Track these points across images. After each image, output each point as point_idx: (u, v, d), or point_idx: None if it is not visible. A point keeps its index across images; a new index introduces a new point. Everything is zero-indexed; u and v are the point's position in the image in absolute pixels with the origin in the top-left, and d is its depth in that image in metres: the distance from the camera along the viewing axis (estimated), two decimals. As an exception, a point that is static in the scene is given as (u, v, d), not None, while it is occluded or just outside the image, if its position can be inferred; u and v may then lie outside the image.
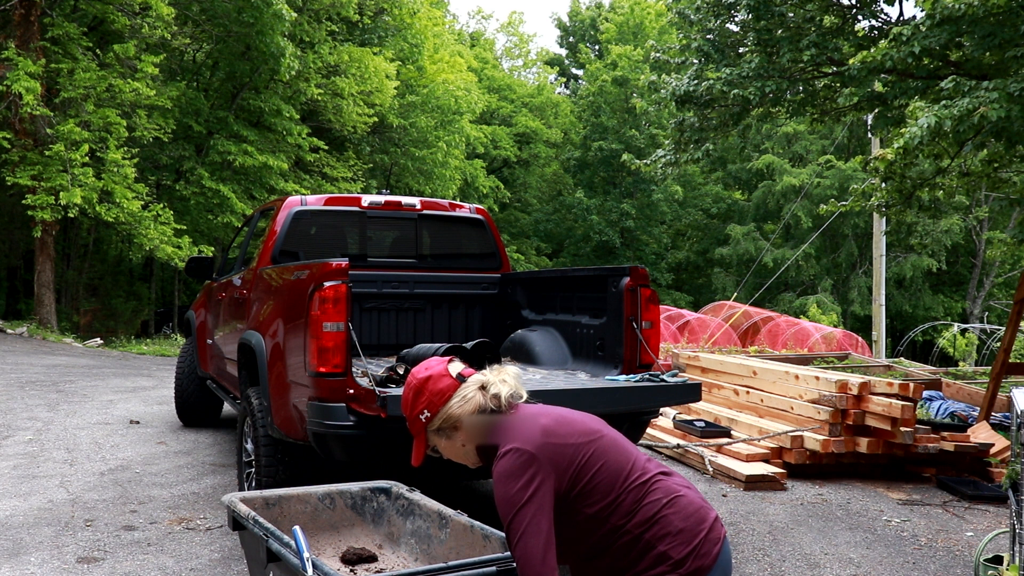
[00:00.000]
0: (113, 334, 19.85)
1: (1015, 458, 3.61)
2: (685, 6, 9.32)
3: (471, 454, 2.15)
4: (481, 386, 2.11)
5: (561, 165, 36.27)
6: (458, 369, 2.16)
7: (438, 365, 2.16)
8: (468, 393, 2.10)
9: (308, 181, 21.61)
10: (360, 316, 5.52)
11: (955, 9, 6.62)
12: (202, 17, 18.75)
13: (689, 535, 1.99)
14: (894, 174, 9.09)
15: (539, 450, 1.96)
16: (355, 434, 3.64)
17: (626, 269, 4.45)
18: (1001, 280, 30.10)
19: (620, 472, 2.01)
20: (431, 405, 2.10)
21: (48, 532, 4.45)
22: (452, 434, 2.12)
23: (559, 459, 1.97)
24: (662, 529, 1.98)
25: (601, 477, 1.99)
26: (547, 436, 1.99)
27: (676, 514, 2.00)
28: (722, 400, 7.89)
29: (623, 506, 1.99)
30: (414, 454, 2.18)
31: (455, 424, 2.10)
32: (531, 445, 1.96)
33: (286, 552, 2.37)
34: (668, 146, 10.20)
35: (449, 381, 2.12)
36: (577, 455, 1.99)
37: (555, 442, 1.98)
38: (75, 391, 9.40)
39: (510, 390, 2.11)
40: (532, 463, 1.94)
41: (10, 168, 15.64)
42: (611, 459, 2.02)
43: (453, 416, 2.09)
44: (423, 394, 2.12)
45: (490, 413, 2.08)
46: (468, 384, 2.12)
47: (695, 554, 1.97)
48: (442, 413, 2.10)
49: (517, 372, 2.17)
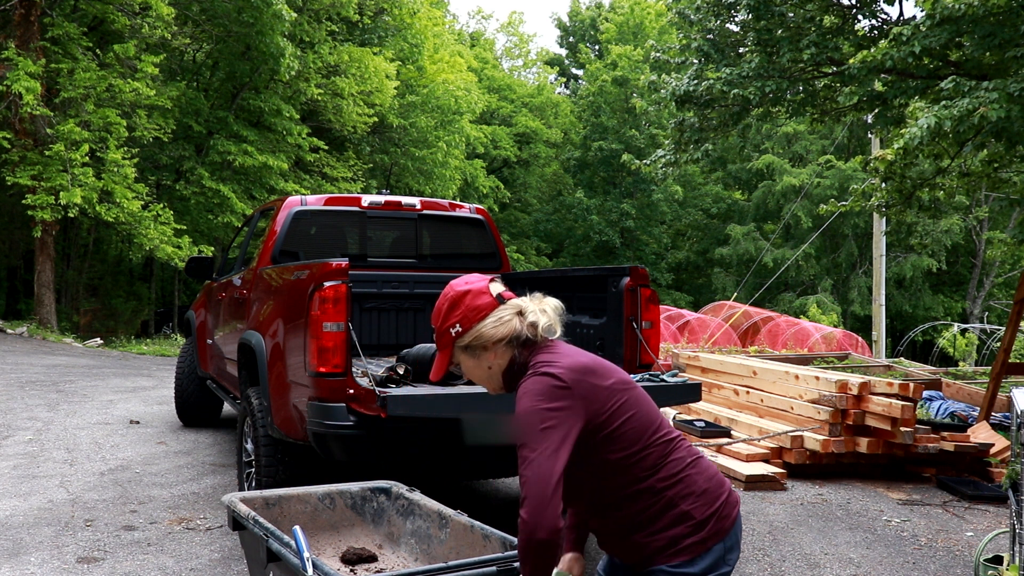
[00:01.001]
0: (113, 334, 19.85)
1: (1015, 458, 3.61)
2: (685, 6, 9.32)
3: (495, 378, 2.06)
4: (519, 311, 2.02)
5: (561, 165, 36.27)
6: (499, 289, 2.05)
7: (479, 282, 2.06)
8: (504, 315, 2.01)
9: (308, 181, 21.61)
10: (360, 316, 5.52)
11: (955, 9, 6.62)
12: (202, 17, 18.75)
13: (712, 497, 1.96)
14: (894, 174, 9.09)
15: (575, 384, 1.89)
16: (355, 434, 3.64)
17: (626, 269, 4.45)
18: (1001, 280, 30.10)
19: (649, 425, 1.96)
20: (464, 320, 2.01)
21: (48, 532, 4.45)
22: (480, 354, 2.03)
23: (593, 398, 1.90)
24: (686, 488, 1.94)
25: (630, 426, 1.93)
26: (585, 374, 1.92)
27: (700, 475, 1.97)
28: (722, 400, 7.89)
29: (648, 459, 1.94)
30: (435, 368, 2.10)
31: (485, 344, 2.01)
32: (568, 376, 1.89)
33: (286, 552, 2.37)
34: (668, 146, 10.20)
35: (488, 299, 2.02)
36: (611, 399, 1.92)
37: (592, 381, 1.91)
38: (75, 391, 9.40)
39: (548, 321, 2.02)
40: (567, 394, 1.87)
41: (10, 168, 15.64)
42: (642, 411, 1.97)
43: (485, 336, 2.00)
44: (458, 307, 2.02)
45: (523, 342, 2.00)
46: (506, 306, 2.02)
47: (717, 516, 1.94)
48: (474, 330, 2.00)
49: (558, 305, 2.07)
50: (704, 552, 1.92)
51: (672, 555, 1.92)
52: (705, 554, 1.92)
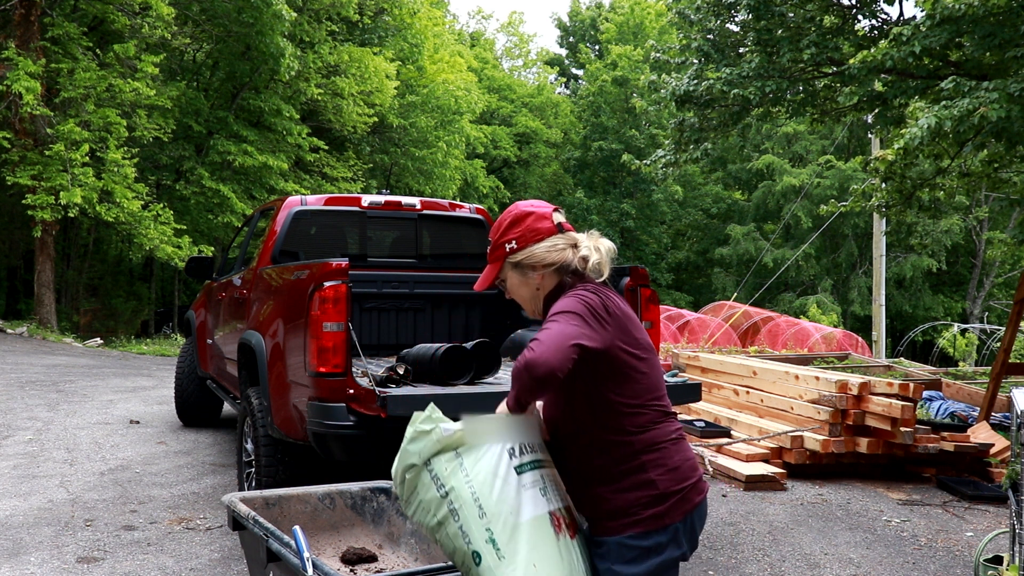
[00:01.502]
0: (113, 334, 19.86)
1: (1015, 458, 3.61)
2: (685, 6, 9.32)
3: (538, 300, 2.12)
4: (574, 244, 2.08)
5: (561, 165, 36.28)
6: (560, 219, 2.12)
7: (544, 207, 2.13)
8: (559, 243, 2.07)
9: (308, 181, 21.61)
10: (360, 316, 5.52)
11: (955, 9, 6.62)
12: (202, 17, 18.75)
13: (681, 475, 1.98)
14: (894, 174, 9.09)
15: (611, 312, 1.95)
16: (355, 434, 3.64)
17: (626, 269, 4.45)
18: (1001, 280, 30.10)
19: (655, 390, 2.01)
20: (522, 238, 2.08)
21: (48, 532, 4.45)
22: (529, 273, 2.09)
23: (623, 332, 1.96)
24: (662, 458, 1.97)
25: (641, 380, 1.98)
26: (619, 315, 1.98)
27: (678, 452, 2.00)
28: (722, 400, 7.89)
29: (640, 418, 1.97)
30: (482, 279, 2.16)
31: (535, 264, 2.07)
32: (603, 309, 1.94)
33: (286, 552, 2.37)
34: (668, 146, 10.20)
35: (548, 224, 2.08)
36: (636, 347, 1.98)
37: (625, 322, 1.98)
38: (75, 391, 9.40)
39: (599, 258, 2.05)
40: (599, 317, 1.92)
41: (10, 168, 15.64)
42: (654, 376, 2.02)
43: (536, 257, 2.06)
44: (519, 225, 2.09)
45: (571, 274, 2.06)
46: (563, 236, 2.09)
47: (680, 495, 1.96)
48: (528, 250, 2.07)
49: (611, 248, 2.11)
50: (659, 528, 1.93)
51: (627, 525, 1.93)
52: (660, 530, 1.93)
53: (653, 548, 1.93)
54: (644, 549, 1.92)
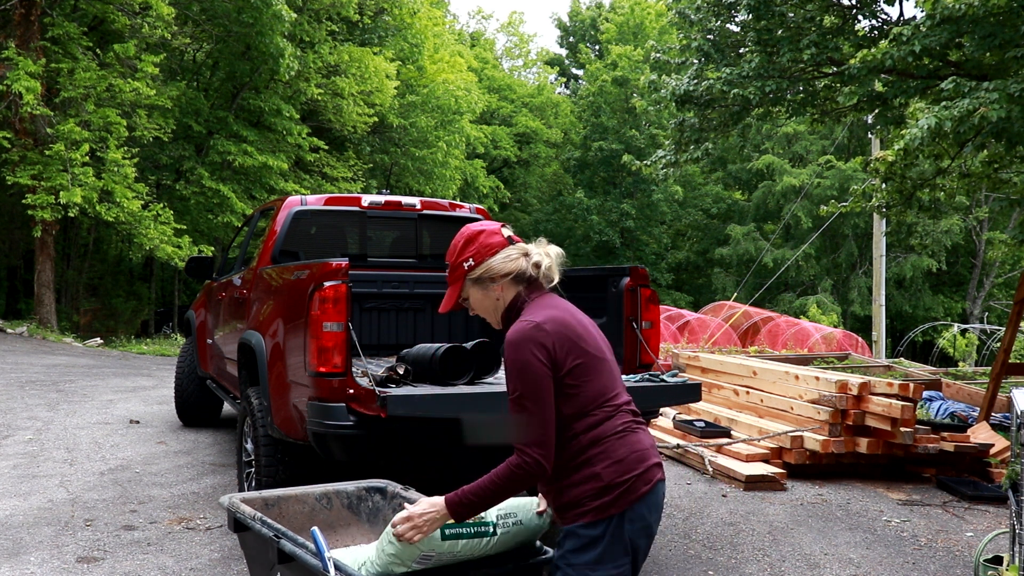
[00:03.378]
0: (113, 334, 19.86)
1: (1015, 458, 3.61)
2: (685, 6, 9.32)
3: (499, 311, 2.28)
4: (525, 253, 2.27)
5: (561, 165, 36.27)
6: (509, 232, 2.30)
7: (493, 224, 2.31)
8: (512, 254, 2.25)
9: (308, 181, 21.60)
10: (360, 316, 5.52)
11: (955, 9, 6.62)
12: (202, 17, 18.75)
13: (625, 467, 2.09)
14: (894, 175, 9.09)
15: (554, 333, 2.10)
16: (355, 434, 3.64)
17: (626, 269, 4.45)
18: (1001, 280, 30.10)
19: (605, 392, 2.15)
20: (478, 255, 2.24)
21: (48, 532, 4.45)
22: (489, 286, 2.25)
23: (566, 349, 2.10)
24: (606, 452, 2.09)
25: (589, 388, 2.12)
26: (563, 326, 2.13)
27: (624, 445, 2.11)
28: (722, 400, 7.89)
29: (589, 419, 2.11)
30: (445, 301, 2.33)
31: (493, 276, 2.24)
32: (549, 327, 2.10)
33: (302, 553, 2.37)
34: (668, 146, 10.20)
35: (500, 239, 2.26)
36: (580, 357, 2.12)
37: (568, 334, 2.12)
38: (75, 391, 9.40)
39: (549, 263, 2.26)
40: (545, 338, 2.08)
41: (10, 168, 15.64)
42: (603, 380, 2.16)
43: (494, 269, 2.23)
44: (473, 243, 2.26)
45: (527, 281, 2.24)
46: (515, 247, 2.27)
47: (624, 486, 2.07)
48: (485, 264, 2.23)
49: (559, 253, 2.31)
50: (604, 518, 2.06)
51: (577, 515, 2.09)
52: (605, 520, 2.06)
53: (599, 536, 2.06)
54: (592, 538, 2.06)
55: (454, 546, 2.26)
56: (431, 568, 2.32)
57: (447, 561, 2.29)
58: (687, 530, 4.96)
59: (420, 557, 2.20)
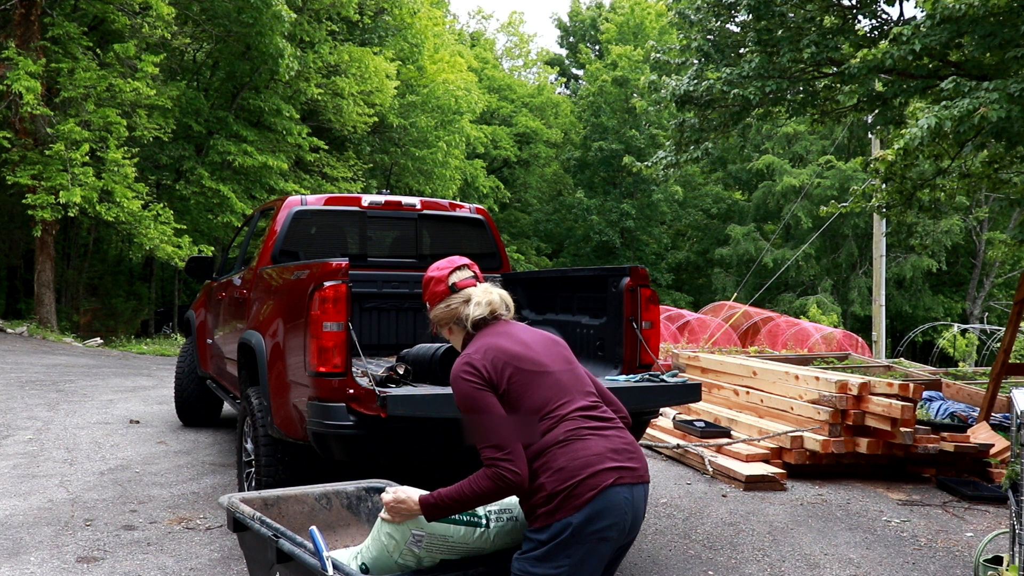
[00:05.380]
0: (113, 334, 19.87)
1: (1015, 458, 3.61)
2: (685, 6, 9.31)
3: (459, 345, 2.54)
4: (466, 300, 2.49)
5: (561, 165, 36.27)
6: (456, 279, 2.53)
7: (445, 268, 2.55)
8: (453, 303, 2.50)
9: (308, 181, 21.60)
10: (360, 316, 5.52)
11: (955, 9, 6.62)
12: (202, 17, 18.76)
13: (565, 475, 2.18)
14: (894, 175, 9.08)
15: (483, 365, 2.28)
16: (355, 434, 3.64)
17: (626, 269, 4.45)
18: (1001, 280, 30.10)
19: (546, 406, 2.28)
20: (429, 300, 2.57)
21: (48, 532, 4.45)
22: (440, 328, 2.58)
23: (499, 374, 2.28)
24: (546, 463, 2.20)
25: (527, 403, 2.26)
26: (496, 354, 2.31)
27: (564, 455, 2.21)
28: (722, 400, 7.89)
29: (536, 430, 2.25)
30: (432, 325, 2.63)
31: (439, 322, 2.56)
32: (478, 361, 2.29)
33: (300, 552, 2.37)
34: (668, 147, 10.20)
35: (442, 288, 2.52)
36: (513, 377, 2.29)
37: (501, 360, 2.30)
38: (75, 391, 9.40)
39: (481, 312, 2.45)
40: (477, 374, 2.27)
41: (10, 168, 15.64)
42: (545, 393, 2.29)
43: (438, 316, 2.55)
44: (426, 290, 2.58)
45: (464, 325, 2.47)
46: (456, 295, 2.51)
47: (563, 493, 2.16)
48: (433, 311, 2.56)
49: (503, 296, 2.51)
50: (550, 523, 2.17)
51: (531, 520, 2.22)
52: (551, 525, 2.17)
53: (545, 540, 2.17)
54: (539, 542, 2.18)
55: (447, 530, 2.35)
56: (433, 567, 2.33)
57: (439, 546, 2.35)
58: (687, 530, 4.96)
59: (412, 534, 2.30)
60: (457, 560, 2.40)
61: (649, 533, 4.87)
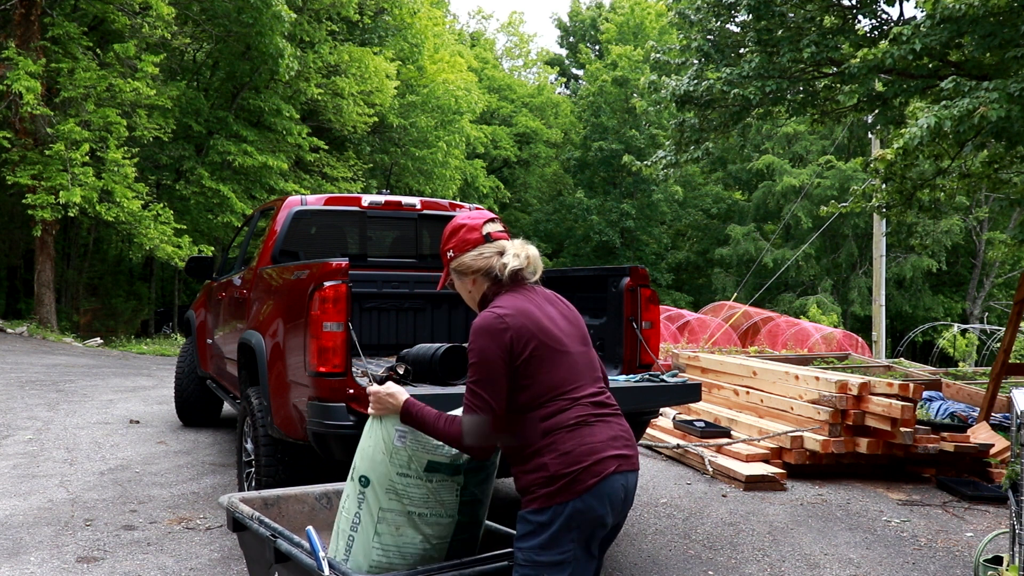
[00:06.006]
0: (113, 334, 19.87)
1: (1015, 458, 3.61)
2: (685, 6, 9.31)
3: (473, 300, 2.45)
4: (500, 251, 2.39)
5: (561, 165, 36.27)
6: (490, 229, 2.43)
7: (478, 219, 2.45)
8: (486, 252, 2.39)
9: (308, 181, 21.61)
10: (360, 316, 5.52)
11: (955, 9, 6.62)
12: (202, 17, 18.76)
13: (571, 459, 2.17)
14: (894, 175, 9.08)
15: (513, 321, 2.22)
16: (355, 434, 3.63)
17: (626, 269, 4.45)
18: (1001, 281, 30.10)
19: (564, 385, 2.24)
20: (456, 248, 2.42)
21: (48, 532, 4.45)
22: (463, 277, 2.43)
23: (524, 338, 2.22)
24: (553, 444, 2.19)
25: (545, 378, 2.22)
26: (525, 316, 2.25)
27: (572, 438, 2.20)
28: (722, 400, 7.89)
29: (545, 409, 2.22)
30: (441, 280, 2.53)
31: (464, 271, 2.41)
32: (509, 317, 2.22)
33: (298, 552, 2.37)
34: (668, 147, 10.20)
35: (476, 236, 2.41)
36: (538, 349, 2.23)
37: (528, 324, 2.24)
38: (75, 391, 9.40)
39: (519, 265, 2.36)
40: (505, 330, 2.20)
41: (10, 168, 15.64)
42: (560, 372, 2.25)
43: (465, 264, 2.40)
44: (454, 237, 2.44)
45: (495, 278, 2.37)
46: (490, 245, 2.40)
47: (568, 477, 2.15)
48: (460, 258, 2.41)
49: (535, 255, 2.41)
50: (550, 505, 2.16)
51: (528, 501, 2.20)
52: (551, 508, 2.16)
53: (544, 523, 2.16)
54: (537, 524, 2.17)
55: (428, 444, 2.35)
56: (418, 563, 2.35)
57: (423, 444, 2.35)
58: (687, 530, 4.96)
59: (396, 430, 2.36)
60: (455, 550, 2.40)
61: (649, 533, 4.87)
